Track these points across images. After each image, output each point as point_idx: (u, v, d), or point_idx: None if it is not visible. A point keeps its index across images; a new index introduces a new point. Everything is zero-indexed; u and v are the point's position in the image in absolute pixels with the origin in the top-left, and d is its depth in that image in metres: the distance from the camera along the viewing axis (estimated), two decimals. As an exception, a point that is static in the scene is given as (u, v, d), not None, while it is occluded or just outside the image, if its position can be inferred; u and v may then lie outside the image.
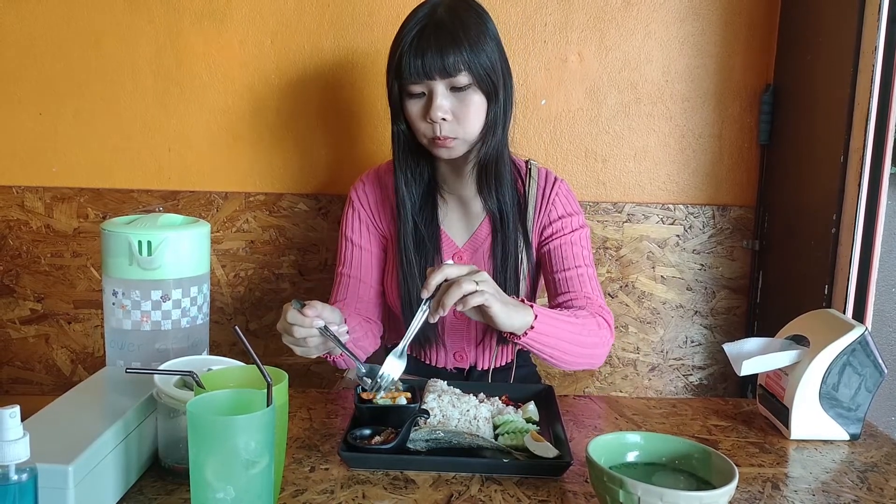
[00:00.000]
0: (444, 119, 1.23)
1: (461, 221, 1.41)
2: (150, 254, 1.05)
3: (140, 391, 0.95)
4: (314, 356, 1.14)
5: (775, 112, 1.80)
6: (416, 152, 1.33)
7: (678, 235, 1.86)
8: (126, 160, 1.81)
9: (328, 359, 1.25)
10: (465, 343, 1.42)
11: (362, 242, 1.41)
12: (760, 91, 1.82)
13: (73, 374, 1.87)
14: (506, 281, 1.35)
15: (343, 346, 1.09)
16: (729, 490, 0.80)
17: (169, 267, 1.07)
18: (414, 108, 1.25)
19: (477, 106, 1.25)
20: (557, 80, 1.79)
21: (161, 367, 0.95)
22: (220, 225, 1.82)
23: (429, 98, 1.23)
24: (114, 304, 1.07)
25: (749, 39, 1.80)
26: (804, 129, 1.69)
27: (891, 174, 1.48)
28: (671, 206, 1.85)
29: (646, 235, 1.86)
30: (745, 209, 1.86)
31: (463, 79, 1.21)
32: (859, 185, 1.47)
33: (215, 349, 1.84)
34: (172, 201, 1.81)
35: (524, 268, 1.38)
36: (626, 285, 1.87)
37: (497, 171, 1.32)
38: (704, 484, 0.87)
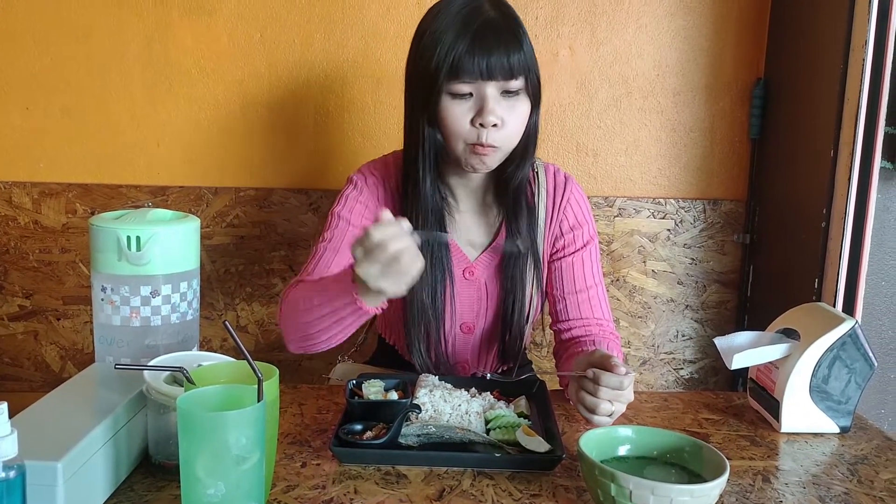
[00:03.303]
0: (494, 125, 1.15)
1: (472, 235, 1.32)
2: (139, 249, 1.05)
3: (130, 387, 0.94)
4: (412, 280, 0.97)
5: (766, 106, 1.80)
6: (441, 159, 1.25)
7: (669, 230, 1.86)
8: (114, 155, 1.80)
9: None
10: (467, 355, 1.37)
11: (352, 219, 1.27)
12: (751, 85, 1.82)
13: (63, 371, 1.86)
14: (514, 302, 1.30)
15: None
16: (720, 483, 0.80)
17: (158, 262, 1.06)
18: (458, 109, 1.15)
19: (523, 113, 1.18)
20: (548, 74, 1.79)
21: (151, 363, 0.95)
22: (209, 220, 1.81)
23: (479, 101, 1.15)
24: (103, 299, 1.06)
25: (740, 33, 1.80)
26: (795, 124, 1.69)
27: (880, 168, 1.48)
28: (662, 200, 1.85)
29: (637, 230, 1.86)
30: (735, 203, 1.86)
31: (518, 82, 1.15)
32: (849, 178, 1.48)
33: (205, 345, 1.84)
34: (162, 196, 1.80)
35: (535, 286, 1.32)
36: (617, 280, 1.88)
37: (522, 194, 1.28)
38: (696, 477, 0.87)
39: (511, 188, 1.27)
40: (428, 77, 1.15)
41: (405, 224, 0.95)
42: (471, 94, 1.15)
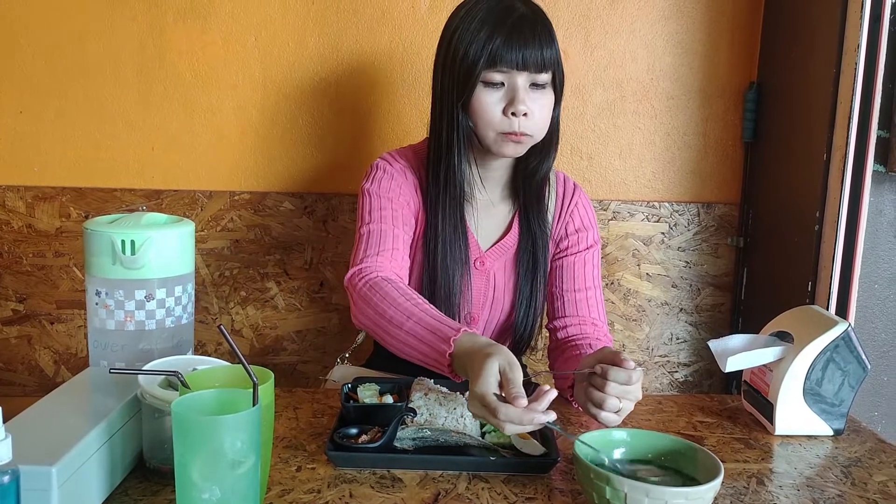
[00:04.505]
0: (524, 114, 1.21)
1: (486, 225, 1.37)
2: (133, 253, 1.04)
3: (124, 392, 0.94)
4: None
5: (759, 110, 1.81)
6: (471, 147, 1.30)
7: (663, 233, 1.87)
8: (109, 159, 1.79)
9: None
10: None
11: (392, 196, 1.30)
12: (745, 89, 1.83)
13: (57, 375, 1.85)
14: (531, 293, 1.35)
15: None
16: (714, 486, 0.81)
17: (153, 266, 1.06)
18: (491, 98, 1.22)
19: (549, 105, 1.25)
20: (543, 78, 1.79)
21: (145, 368, 0.94)
22: (204, 224, 1.81)
23: (510, 91, 1.21)
24: (97, 303, 1.06)
25: (733, 37, 1.81)
26: (788, 127, 1.70)
27: (873, 171, 1.49)
28: (656, 203, 1.86)
29: (631, 233, 1.86)
30: (729, 206, 1.87)
31: (546, 76, 1.22)
32: (842, 182, 1.48)
33: (200, 349, 1.84)
34: (156, 200, 1.80)
35: (545, 281, 1.37)
36: (612, 283, 1.88)
37: (544, 188, 1.35)
38: (690, 480, 0.87)
39: (535, 181, 1.35)
40: (465, 66, 1.22)
41: (538, 418, 0.89)
42: (502, 84, 1.22)
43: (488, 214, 1.37)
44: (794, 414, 1.12)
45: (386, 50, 1.77)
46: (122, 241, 1.04)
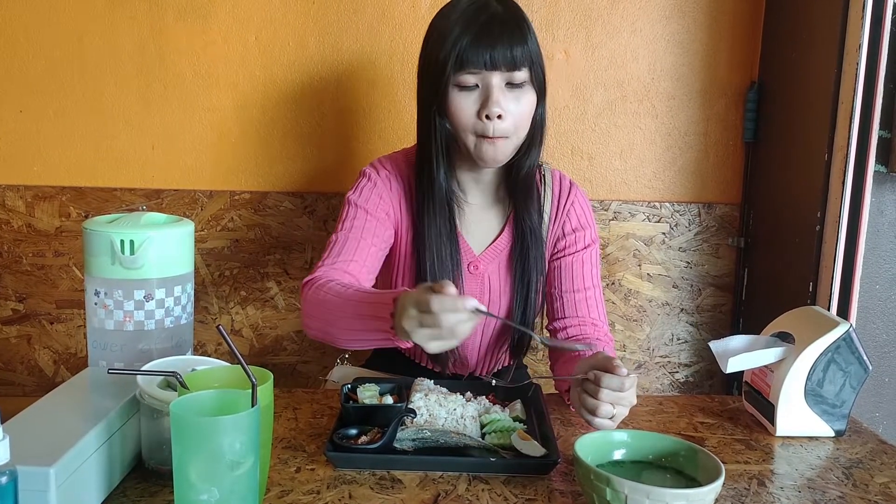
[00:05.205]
0: (499, 116, 1.18)
1: (478, 229, 1.35)
2: (132, 253, 1.04)
3: (123, 392, 0.94)
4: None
5: (760, 110, 1.80)
6: (453, 152, 1.28)
7: (664, 233, 1.87)
8: (109, 158, 1.79)
9: None
10: (467, 353, 1.38)
11: (369, 208, 1.29)
12: (745, 89, 1.82)
13: (56, 375, 1.85)
14: (527, 294, 1.33)
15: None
16: (715, 487, 0.80)
17: (152, 266, 1.06)
18: (465, 101, 1.19)
19: (530, 103, 1.22)
20: (543, 77, 1.79)
21: (144, 368, 0.94)
22: (204, 223, 1.81)
23: (484, 92, 1.18)
24: (96, 303, 1.06)
25: (734, 37, 1.81)
26: (789, 127, 1.70)
27: (874, 171, 1.48)
28: (657, 203, 1.86)
29: (632, 233, 1.86)
30: (730, 207, 1.87)
31: (523, 74, 1.19)
32: (843, 182, 1.48)
33: (199, 349, 1.84)
34: (156, 200, 1.80)
35: (541, 281, 1.36)
36: (613, 283, 1.88)
37: (532, 184, 1.32)
38: (691, 481, 0.87)
39: (520, 177, 1.31)
40: (437, 70, 1.20)
41: (470, 302, 0.92)
42: (477, 86, 1.19)
43: (480, 218, 1.35)
44: (795, 415, 1.12)
45: (386, 50, 1.77)
46: (122, 241, 1.04)
